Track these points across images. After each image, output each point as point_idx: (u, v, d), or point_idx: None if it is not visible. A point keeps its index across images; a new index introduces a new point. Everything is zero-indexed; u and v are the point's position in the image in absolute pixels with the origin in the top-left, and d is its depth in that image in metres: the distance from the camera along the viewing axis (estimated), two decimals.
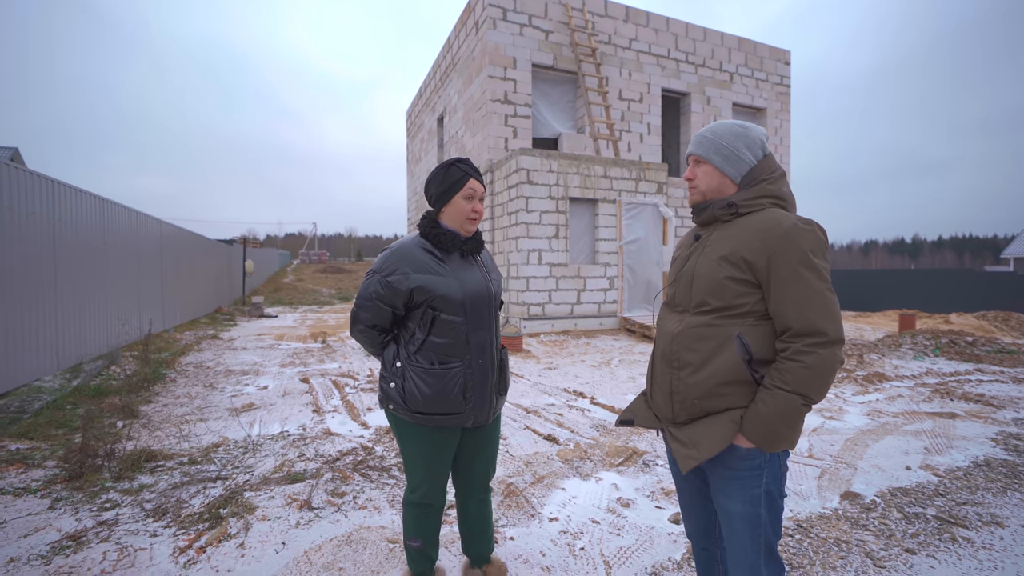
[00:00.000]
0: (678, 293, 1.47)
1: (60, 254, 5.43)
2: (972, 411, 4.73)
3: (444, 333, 1.69)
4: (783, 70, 15.19)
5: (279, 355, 7.72)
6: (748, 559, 1.35)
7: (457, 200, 1.75)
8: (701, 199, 1.46)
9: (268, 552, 2.29)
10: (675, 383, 1.39)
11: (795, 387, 1.23)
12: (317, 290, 24.87)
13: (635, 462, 3.47)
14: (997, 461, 3.50)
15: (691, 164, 1.49)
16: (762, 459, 1.32)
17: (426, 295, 1.67)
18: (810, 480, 3.21)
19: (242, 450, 3.59)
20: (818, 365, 1.22)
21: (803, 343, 1.24)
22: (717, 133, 1.43)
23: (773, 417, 1.25)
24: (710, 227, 1.46)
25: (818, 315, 1.24)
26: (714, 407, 1.34)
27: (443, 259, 1.73)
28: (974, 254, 77.87)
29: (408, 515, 1.85)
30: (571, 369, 6.83)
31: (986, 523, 2.64)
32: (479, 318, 1.75)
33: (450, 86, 14.40)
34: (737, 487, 1.34)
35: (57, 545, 2.32)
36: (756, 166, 1.41)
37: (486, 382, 1.77)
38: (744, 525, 1.34)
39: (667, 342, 1.43)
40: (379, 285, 1.69)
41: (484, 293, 1.77)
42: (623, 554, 2.37)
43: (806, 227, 1.28)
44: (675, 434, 1.41)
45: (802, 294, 1.25)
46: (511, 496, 2.94)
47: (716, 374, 1.32)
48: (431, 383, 1.67)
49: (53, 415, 4.28)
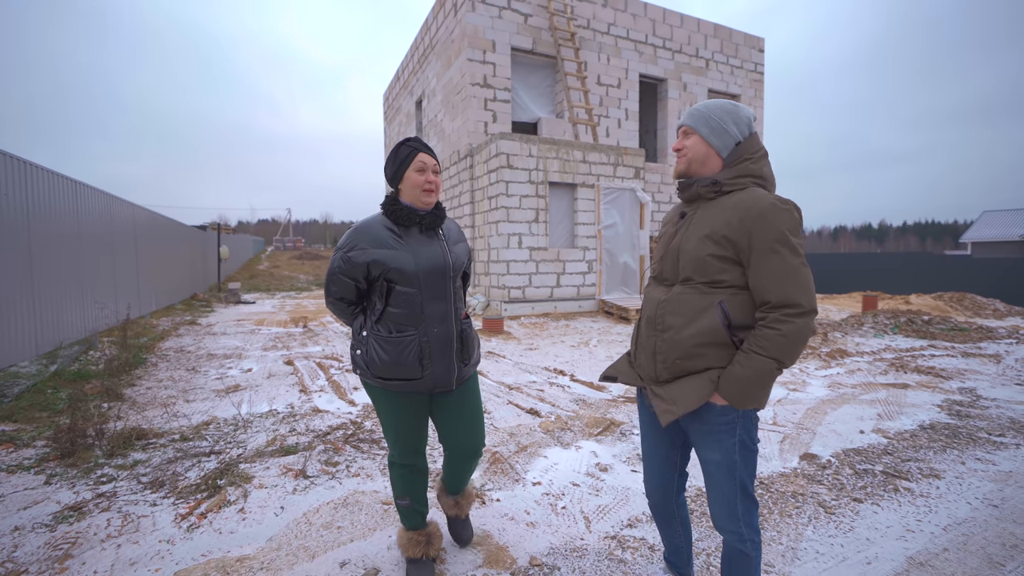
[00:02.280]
0: (665, 268, 1.58)
1: (34, 238, 5.34)
2: (922, 382, 5.09)
3: (399, 303, 1.80)
4: (757, 57, 15.47)
5: (261, 339, 7.72)
6: (726, 499, 1.51)
7: (410, 174, 1.83)
8: (686, 168, 1.56)
9: (268, 515, 2.42)
10: (659, 344, 1.52)
11: (771, 352, 1.35)
12: (294, 276, 24.56)
13: (613, 432, 3.68)
14: (941, 424, 3.82)
15: (680, 136, 1.57)
16: (736, 414, 1.46)
17: (381, 268, 1.78)
18: (773, 444, 3.46)
19: (233, 427, 3.67)
20: (793, 333, 1.34)
21: (780, 313, 1.35)
22: (708, 107, 1.53)
23: (749, 378, 1.38)
24: (694, 204, 1.56)
25: (794, 288, 1.35)
26: (693, 367, 1.47)
27: (401, 235, 1.83)
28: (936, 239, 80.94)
29: (394, 476, 1.99)
30: (551, 349, 7.02)
31: (926, 476, 2.93)
32: (434, 289, 1.84)
33: (428, 69, 14.27)
34: (713, 439, 1.49)
35: (59, 515, 2.40)
36: (742, 143, 1.50)
37: (445, 350, 1.86)
38: (721, 471, 1.50)
39: (653, 308, 1.56)
40: (341, 260, 1.81)
41: (440, 266, 1.85)
42: (601, 511, 2.56)
43: (784, 207, 1.38)
44: (656, 391, 1.54)
45: (779, 269, 1.35)
46: (496, 463, 3.11)
47: (697, 336, 1.44)
48: (388, 350, 1.79)
49: (35, 399, 4.27)
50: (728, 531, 1.54)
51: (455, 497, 2.18)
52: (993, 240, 30.76)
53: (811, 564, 2.09)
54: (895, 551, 2.18)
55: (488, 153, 10.35)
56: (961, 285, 13.98)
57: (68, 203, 6.14)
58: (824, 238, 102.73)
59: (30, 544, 2.16)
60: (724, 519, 1.53)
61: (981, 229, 32.63)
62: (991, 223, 32.65)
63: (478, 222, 11.11)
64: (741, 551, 1.53)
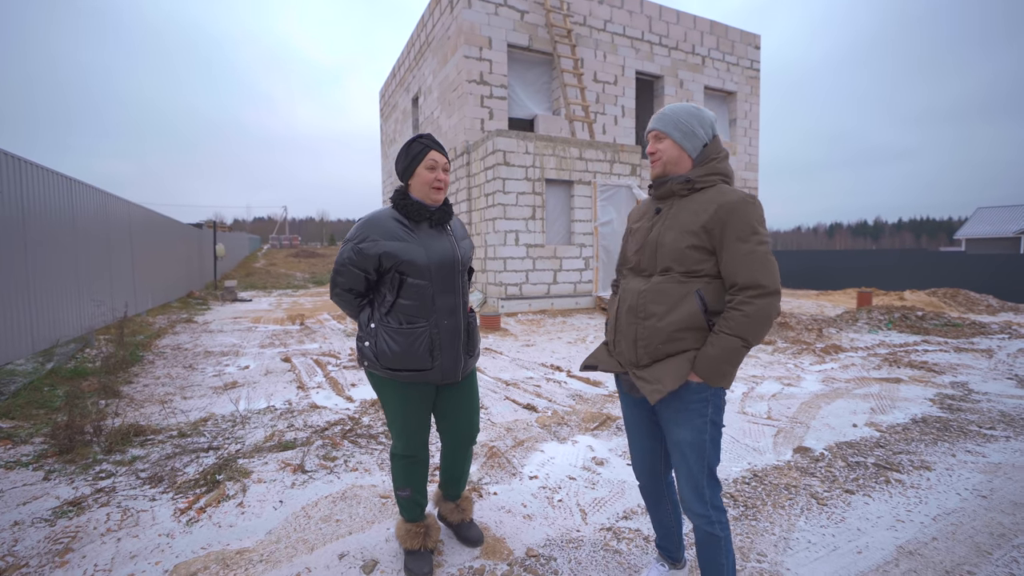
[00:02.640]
0: (643, 260, 1.67)
1: (30, 235, 5.33)
2: (915, 376, 5.14)
3: (411, 295, 1.84)
4: (753, 54, 15.51)
5: (258, 337, 7.72)
6: (695, 479, 1.59)
7: (420, 171, 1.88)
8: (662, 171, 1.66)
9: (267, 509, 2.44)
10: (640, 331, 1.61)
11: (736, 331, 1.48)
12: (291, 274, 24.50)
13: (609, 426, 3.71)
14: (932, 418, 3.87)
15: (651, 140, 1.67)
16: (708, 392, 1.57)
17: (393, 260, 1.81)
18: (767, 438, 3.50)
19: (231, 423, 3.69)
20: (756, 313, 1.46)
21: (745, 295, 1.48)
22: (675, 111, 1.63)
23: (719, 356, 1.49)
24: (668, 200, 1.66)
25: (759, 272, 1.47)
26: (673, 350, 1.57)
27: (412, 228, 1.87)
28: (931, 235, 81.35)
29: (396, 468, 2.01)
30: (548, 345, 7.05)
31: (917, 467, 2.97)
32: (444, 282, 1.89)
33: (425, 66, 14.24)
34: (687, 417, 1.57)
35: (59, 510, 2.41)
36: (709, 145, 1.63)
37: (454, 342, 1.91)
38: (692, 450, 1.58)
39: (634, 297, 1.64)
40: (352, 252, 1.84)
41: (450, 259, 1.91)
42: (597, 503, 2.59)
43: (751, 201, 1.53)
44: (639, 374, 1.62)
45: (747, 256, 1.49)
46: (493, 458, 3.14)
47: (677, 322, 1.55)
48: (399, 341, 1.83)
49: (32, 396, 4.27)
50: (698, 515, 1.61)
51: (455, 503, 2.22)
52: (987, 236, 30.93)
53: (803, 553, 2.12)
54: (885, 541, 2.22)
55: (485, 150, 10.35)
56: (955, 281, 14.08)
57: (63, 200, 6.12)
58: (820, 235, 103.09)
59: (30, 538, 2.17)
60: (694, 502, 1.60)
61: (975, 226, 32.81)
62: (985, 219, 32.83)
63: (475, 219, 11.12)
64: (711, 534, 1.61)
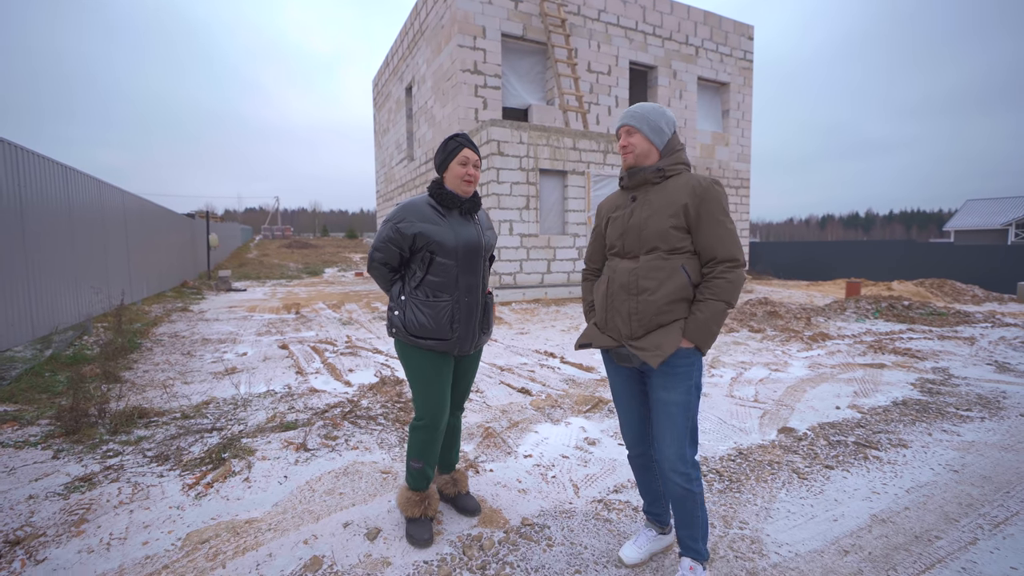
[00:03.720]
0: (627, 243, 1.84)
1: (28, 223, 5.34)
2: (898, 362, 5.30)
3: (438, 272, 2.06)
4: (746, 45, 15.55)
5: (254, 325, 7.78)
6: (679, 440, 1.75)
7: (454, 166, 2.11)
8: (635, 162, 1.86)
9: (273, 484, 2.54)
10: (633, 306, 1.77)
11: (723, 296, 1.69)
12: (284, 264, 24.42)
13: (601, 409, 3.82)
14: (912, 400, 4.02)
15: (623, 134, 1.87)
16: (694, 357, 1.76)
17: (425, 240, 2.04)
18: (753, 419, 3.63)
19: (232, 406, 3.77)
20: (736, 279, 1.71)
21: (725, 266, 1.71)
22: (645, 109, 1.85)
23: (708, 320, 1.70)
24: (641, 188, 1.85)
25: (733, 247, 1.72)
26: (665, 320, 1.75)
27: (444, 214, 2.11)
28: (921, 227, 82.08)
29: (414, 439, 2.14)
30: (542, 333, 7.16)
31: (894, 445, 3.11)
32: (468, 264, 2.11)
33: (418, 55, 14.19)
34: (676, 381, 1.75)
35: (70, 485, 2.50)
36: (671, 138, 1.85)
37: (471, 318, 2.13)
38: (679, 411, 1.75)
39: (625, 276, 1.80)
40: (391, 231, 2.07)
41: (475, 244, 2.13)
42: (589, 479, 2.71)
43: (718, 187, 1.75)
44: (636, 344, 1.77)
45: (721, 233, 1.72)
46: (489, 438, 3.24)
47: (668, 295, 1.74)
48: (426, 312, 2.05)
49: (33, 381, 4.33)
50: (678, 473, 1.75)
51: (450, 475, 2.36)
52: (975, 228, 31.34)
53: (782, 521, 2.25)
54: (860, 510, 2.35)
55: (479, 140, 10.38)
56: (943, 272, 14.32)
57: (59, 188, 6.13)
58: (812, 227, 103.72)
59: (45, 511, 2.26)
60: (676, 460, 1.75)
61: (964, 218, 33.21)
62: (974, 212, 33.23)
63: None
64: (688, 490, 1.75)
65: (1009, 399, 4.03)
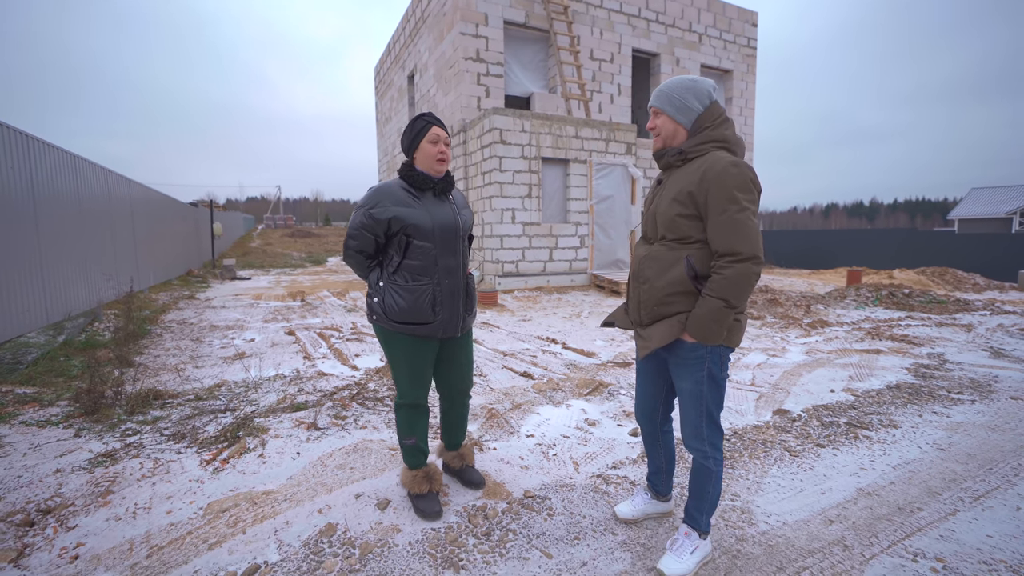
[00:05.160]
0: (647, 229, 1.88)
1: (40, 211, 5.44)
2: (895, 348, 5.39)
3: (416, 256, 2.04)
4: (750, 31, 15.44)
5: (260, 312, 7.90)
6: (693, 423, 1.80)
7: (424, 145, 2.07)
8: (662, 145, 1.80)
9: (286, 459, 2.66)
10: (640, 294, 1.80)
11: (718, 293, 1.61)
12: (287, 253, 24.55)
13: (601, 392, 3.93)
14: (906, 384, 4.11)
15: (652, 115, 1.81)
16: (704, 351, 1.71)
17: (401, 224, 2.01)
18: (749, 402, 3.73)
19: (243, 388, 3.89)
20: (734, 276, 1.58)
21: (724, 260, 1.61)
22: (670, 87, 1.75)
23: (705, 316, 1.64)
24: (668, 172, 1.81)
25: (735, 239, 1.58)
26: (666, 312, 1.74)
27: (418, 196, 2.07)
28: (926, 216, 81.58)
29: (400, 418, 2.21)
30: (544, 320, 7.27)
31: (885, 426, 3.21)
32: (446, 245, 2.08)
33: (420, 42, 14.14)
34: (686, 371, 1.76)
35: (94, 460, 2.62)
36: (702, 113, 1.71)
37: (454, 300, 2.11)
38: (690, 398, 1.78)
39: (637, 263, 1.85)
40: (364, 216, 2.03)
41: (451, 225, 2.10)
42: (589, 457, 2.82)
43: (735, 169, 1.59)
44: (639, 332, 1.85)
45: (725, 223, 1.59)
46: (493, 418, 3.36)
47: (668, 286, 1.71)
48: (406, 296, 2.03)
49: (49, 365, 4.46)
50: (694, 448, 1.82)
51: (456, 451, 2.45)
52: (980, 217, 31.18)
53: (772, 494, 2.36)
54: (847, 484, 2.46)
55: (481, 128, 10.41)
56: (946, 261, 14.33)
57: (68, 177, 6.22)
58: (816, 215, 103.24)
59: (72, 483, 2.38)
60: (690, 439, 1.82)
61: (969, 206, 33.03)
62: (979, 200, 33.04)
63: (472, 197, 11.22)
64: (704, 466, 1.82)
65: (1001, 383, 4.12)
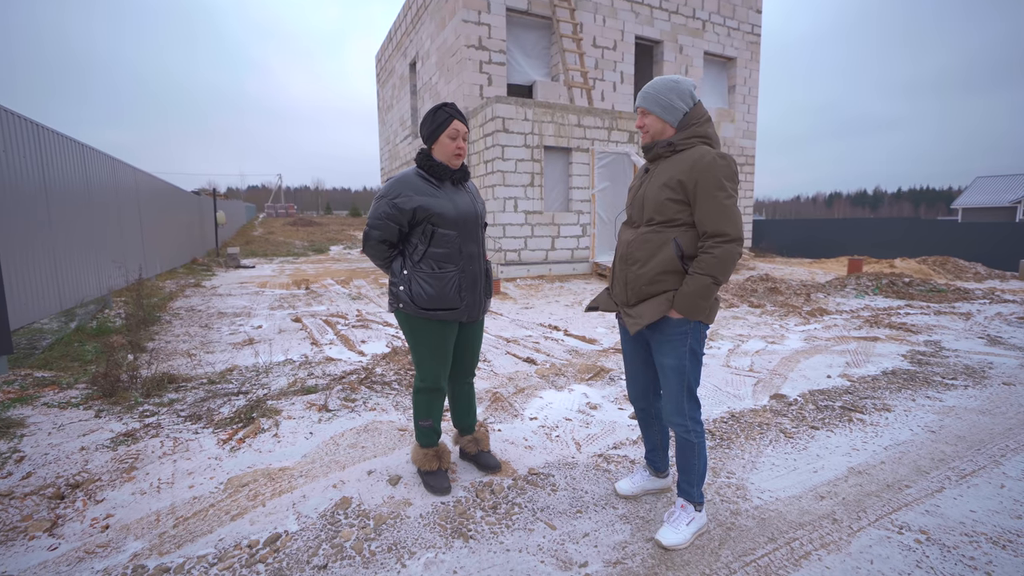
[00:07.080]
0: (633, 213, 1.98)
1: (52, 200, 5.53)
2: (892, 335, 5.47)
3: (441, 244, 2.11)
4: (754, 18, 15.32)
5: (266, 300, 8.01)
6: (675, 397, 1.91)
7: (443, 139, 2.12)
8: (651, 141, 1.94)
9: (300, 439, 2.77)
10: (628, 275, 1.91)
11: (707, 270, 1.76)
12: (290, 242, 24.61)
13: (603, 377, 4.03)
14: (901, 370, 4.20)
15: (639, 115, 1.95)
16: (687, 327, 1.85)
17: (426, 213, 2.07)
18: (747, 387, 3.83)
19: (254, 373, 4.00)
20: (722, 255, 1.74)
21: (713, 241, 1.77)
22: (656, 88, 1.88)
23: (693, 293, 1.77)
24: (656, 162, 1.93)
25: (723, 222, 1.75)
26: (655, 291, 1.86)
27: (438, 185, 2.13)
28: (930, 205, 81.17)
29: (419, 401, 2.29)
30: (546, 308, 7.36)
31: (878, 410, 3.31)
32: (468, 232, 2.16)
33: (422, 29, 14.08)
34: (670, 347, 1.88)
35: (116, 439, 2.73)
36: (689, 112, 1.87)
37: (476, 285, 2.21)
38: (674, 373, 1.89)
39: (624, 247, 1.95)
40: (388, 207, 2.07)
41: (472, 212, 2.19)
42: (590, 438, 2.93)
43: (722, 161, 1.76)
44: (627, 312, 1.94)
45: (714, 208, 1.75)
46: (497, 402, 3.46)
47: (657, 267, 1.84)
48: (433, 284, 2.10)
49: (64, 350, 4.58)
50: (676, 424, 1.93)
51: (471, 435, 2.51)
52: (984, 206, 31.07)
53: (766, 472, 2.46)
54: (839, 464, 2.56)
55: (484, 117, 10.41)
56: (949, 250, 14.34)
57: (77, 165, 6.29)
58: (819, 204, 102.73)
59: (97, 460, 2.50)
60: (672, 414, 1.93)
61: (973, 195, 32.89)
62: (983, 189, 32.89)
63: None
64: (687, 440, 1.93)
65: (995, 369, 4.21)
